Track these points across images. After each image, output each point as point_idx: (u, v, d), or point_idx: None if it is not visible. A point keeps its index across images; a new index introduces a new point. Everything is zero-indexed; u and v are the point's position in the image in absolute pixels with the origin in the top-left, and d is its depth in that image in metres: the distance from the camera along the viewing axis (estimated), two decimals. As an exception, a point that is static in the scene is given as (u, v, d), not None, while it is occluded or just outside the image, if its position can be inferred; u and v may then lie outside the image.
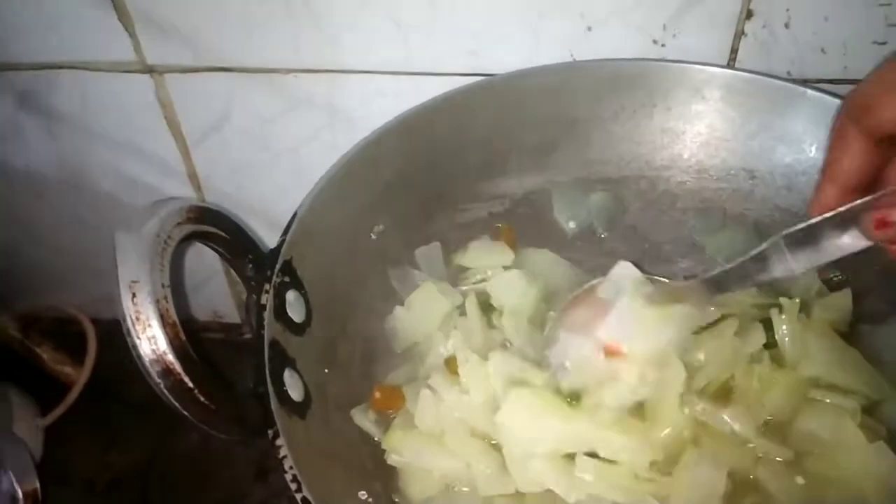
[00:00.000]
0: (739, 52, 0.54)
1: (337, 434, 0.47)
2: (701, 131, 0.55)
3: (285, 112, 0.62)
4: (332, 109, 0.61)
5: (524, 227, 0.58)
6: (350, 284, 0.52)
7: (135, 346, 0.34)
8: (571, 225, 0.59)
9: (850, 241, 0.32)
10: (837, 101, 0.51)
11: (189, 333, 0.37)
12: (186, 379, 0.35)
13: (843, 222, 0.32)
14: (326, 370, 0.49)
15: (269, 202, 0.69)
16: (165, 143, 0.66)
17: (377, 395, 0.51)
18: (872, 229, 0.30)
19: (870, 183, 0.32)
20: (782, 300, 0.50)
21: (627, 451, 0.45)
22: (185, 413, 0.36)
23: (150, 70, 0.61)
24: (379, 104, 0.59)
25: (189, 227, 0.40)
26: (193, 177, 0.69)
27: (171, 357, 0.35)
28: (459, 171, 0.57)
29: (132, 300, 0.34)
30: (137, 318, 0.34)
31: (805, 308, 0.51)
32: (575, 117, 0.56)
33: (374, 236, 0.54)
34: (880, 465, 0.44)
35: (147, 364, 0.34)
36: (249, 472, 0.72)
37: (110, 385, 0.76)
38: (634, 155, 0.57)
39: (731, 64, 0.55)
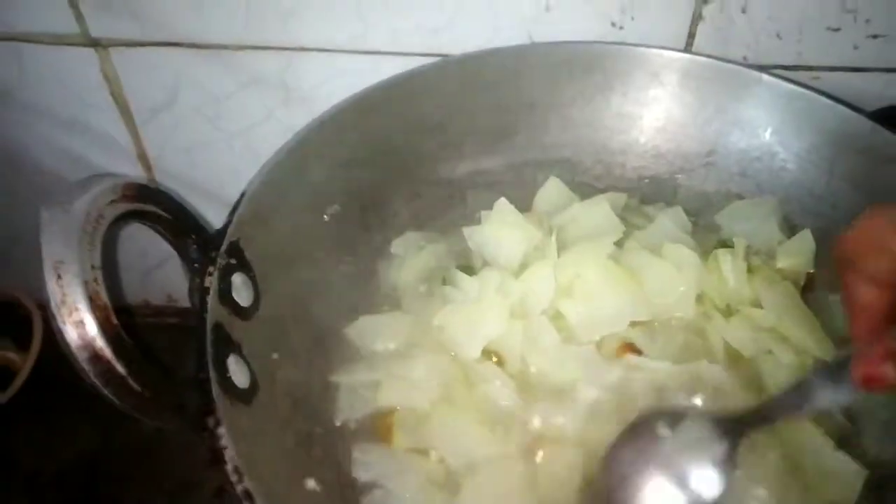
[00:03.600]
0: (697, 36, 0.54)
1: (285, 421, 0.46)
2: (658, 116, 0.55)
3: (237, 90, 0.60)
4: (286, 88, 0.60)
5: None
6: (302, 268, 0.51)
7: (60, 332, 0.33)
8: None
9: None
10: (793, 87, 0.51)
11: (138, 318, 0.36)
12: (118, 366, 0.33)
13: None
14: (276, 356, 0.47)
15: (223, 184, 0.67)
16: (113, 122, 0.64)
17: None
18: (861, 385, 0.30)
19: None
20: (735, 239, 0.50)
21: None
22: (117, 402, 0.34)
23: (94, 43, 0.58)
24: (336, 83, 0.57)
25: (124, 206, 0.38)
26: (143, 157, 0.67)
27: (100, 343, 0.33)
28: (416, 152, 0.56)
29: (57, 282, 0.32)
30: (63, 302, 0.32)
31: (770, 261, 0.51)
32: (532, 101, 0.55)
33: (327, 218, 0.53)
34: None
35: (74, 350, 0.32)
36: (204, 457, 0.70)
37: (57, 372, 0.73)
38: (591, 139, 0.56)
39: (688, 48, 0.54)
